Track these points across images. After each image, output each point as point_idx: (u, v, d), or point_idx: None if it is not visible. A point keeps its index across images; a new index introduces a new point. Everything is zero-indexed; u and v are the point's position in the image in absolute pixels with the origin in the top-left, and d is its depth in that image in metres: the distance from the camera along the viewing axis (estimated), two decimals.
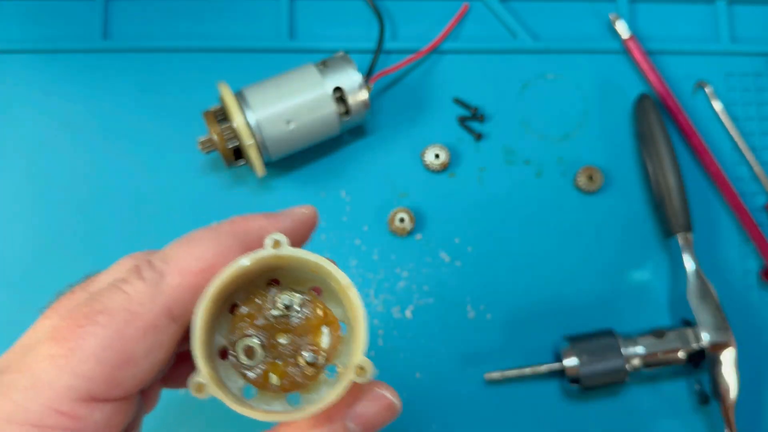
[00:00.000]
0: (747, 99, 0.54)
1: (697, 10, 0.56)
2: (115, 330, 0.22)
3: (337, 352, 0.26)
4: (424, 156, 0.51)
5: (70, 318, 0.22)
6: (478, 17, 0.54)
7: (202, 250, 0.24)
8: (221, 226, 0.25)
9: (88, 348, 0.22)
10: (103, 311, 0.22)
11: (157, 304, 0.23)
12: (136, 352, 0.23)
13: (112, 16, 0.53)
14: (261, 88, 0.46)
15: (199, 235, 0.25)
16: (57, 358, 0.21)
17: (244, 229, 0.25)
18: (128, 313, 0.23)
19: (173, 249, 0.25)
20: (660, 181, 0.49)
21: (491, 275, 0.49)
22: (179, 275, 0.24)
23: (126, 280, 0.23)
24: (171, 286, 0.24)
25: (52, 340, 0.22)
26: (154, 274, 0.24)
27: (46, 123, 0.51)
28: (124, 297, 0.23)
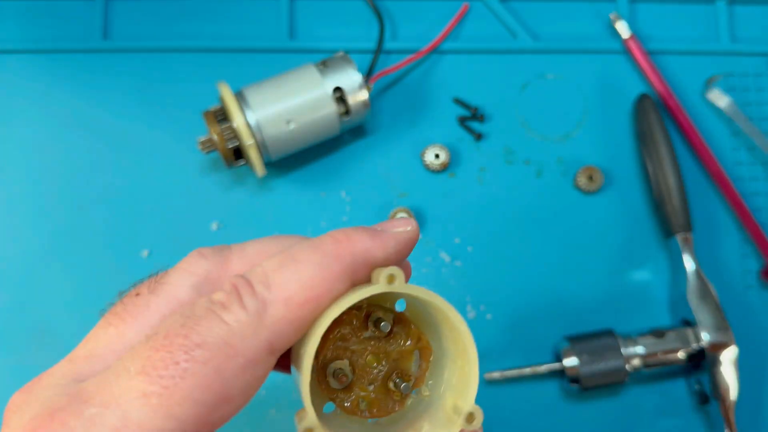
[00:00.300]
0: (747, 99, 0.54)
1: (697, 10, 0.56)
2: (215, 368, 0.20)
3: (425, 379, 0.25)
4: (424, 156, 0.51)
5: (166, 349, 0.20)
6: (478, 17, 0.54)
7: (309, 278, 0.22)
8: (324, 245, 0.23)
9: (185, 388, 0.19)
10: (202, 345, 0.20)
11: (260, 339, 0.21)
12: (234, 390, 0.21)
13: (112, 16, 0.53)
14: (261, 88, 0.46)
15: (302, 257, 0.22)
16: (150, 397, 0.19)
17: (350, 251, 0.23)
18: (229, 348, 0.20)
19: (275, 272, 0.22)
20: (660, 181, 0.49)
21: (491, 275, 0.49)
22: (284, 306, 0.21)
23: (226, 306, 0.21)
24: (275, 319, 0.21)
25: (143, 374, 0.20)
26: (257, 303, 0.21)
27: (47, 123, 0.51)
28: (225, 329, 0.20)
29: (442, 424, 0.24)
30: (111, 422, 0.19)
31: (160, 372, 0.19)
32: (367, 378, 0.25)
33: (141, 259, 0.48)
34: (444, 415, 0.24)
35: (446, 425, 0.23)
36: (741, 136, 0.53)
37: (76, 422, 0.19)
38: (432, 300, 0.23)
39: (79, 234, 0.49)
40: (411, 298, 0.24)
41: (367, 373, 0.25)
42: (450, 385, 0.25)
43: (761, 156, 0.53)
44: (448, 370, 0.25)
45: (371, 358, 0.25)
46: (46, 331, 0.47)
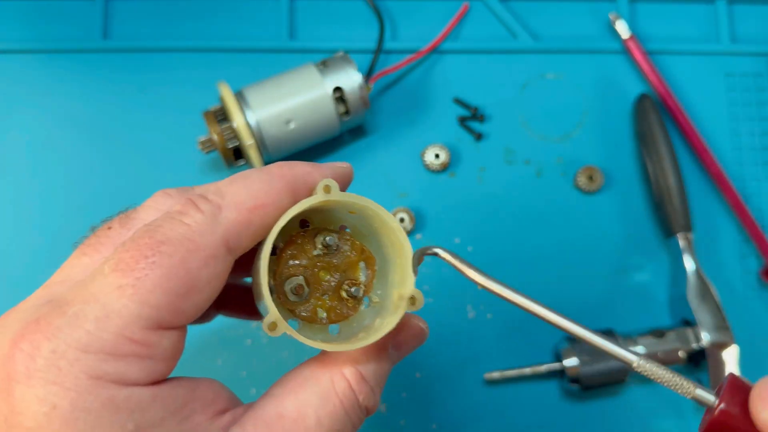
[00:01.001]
0: (747, 99, 0.54)
1: (697, 10, 0.56)
2: (179, 260, 0.23)
3: (373, 286, 0.29)
4: (424, 156, 0.51)
5: (134, 249, 0.22)
6: (478, 17, 0.54)
7: (256, 189, 0.25)
8: (270, 168, 0.26)
9: (154, 278, 0.22)
10: (166, 242, 0.23)
11: (217, 236, 0.24)
12: (198, 281, 0.23)
13: (112, 16, 0.53)
14: (261, 88, 0.46)
15: (251, 176, 0.26)
16: (125, 288, 0.22)
17: (292, 173, 0.27)
18: (190, 243, 0.23)
19: (227, 186, 0.25)
20: (660, 180, 0.49)
21: (491, 275, 0.49)
22: (235, 210, 0.25)
23: (183, 212, 0.24)
24: (228, 219, 0.24)
25: (117, 271, 0.22)
26: (211, 207, 0.24)
27: (47, 122, 0.51)
28: (185, 228, 0.23)
29: (390, 314, 0.27)
30: (93, 314, 0.22)
31: (131, 266, 0.22)
32: (321, 289, 0.28)
33: None
34: (392, 307, 0.27)
35: (393, 313, 0.27)
36: (741, 135, 0.53)
37: (61, 320, 0.22)
38: (366, 204, 0.26)
39: (80, 234, 0.49)
40: (348, 206, 0.27)
41: (320, 285, 0.28)
42: (394, 283, 0.28)
43: (761, 156, 0.53)
44: (391, 273, 0.28)
45: (323, 273, 0.28)
46: None
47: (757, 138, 0.53)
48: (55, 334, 0.21)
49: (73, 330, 0.21)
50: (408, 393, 0.47)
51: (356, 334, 0.28)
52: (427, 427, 0.46)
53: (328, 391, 0.26)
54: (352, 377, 0.26)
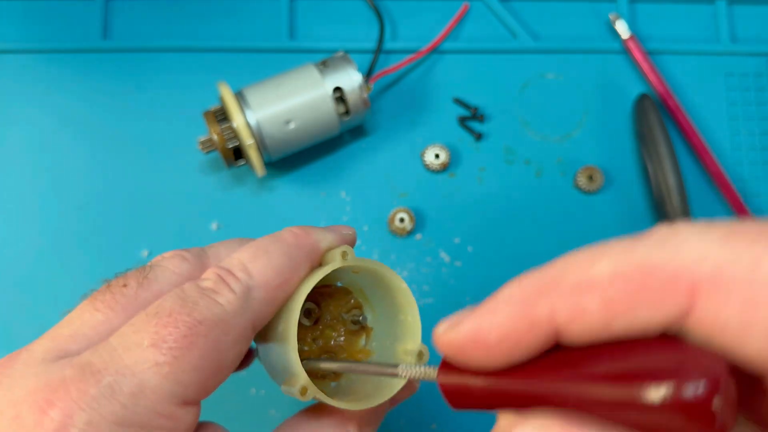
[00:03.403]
0: (747, 99, 0.54)
1: (697, 10, 0.56)
2: (213, 341, 0.23)
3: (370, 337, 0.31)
4: (424, 156, 0.51)
5: (173, 325, 0.23)
6: (478, 17, 0.54)
7: (280, 265, 0.26)
8: (286, 238, 0.27)
9: (190, 358, 0.23)
10: (203, 322, 0.23)
11: (246, 318, 0.25)
12: (226, 361, 0.24)
13: (111, 15, 0.53)
14: (261, 88, 0.46)
15: (271, 249, 0.26)
16: (162, 365, 0.22)
17: (307, 241, 0.27)
18: (224, 324, 0.24)
19: (251, 262, 0.26)
20: (660, 180, 0.49)
21: (491, 275, 0.49)
22: (263, 290, 0.25)
23: (216, 291, 0.24)
24: (257, 300, 0.25)
25: (156, 347, 0.22)
26: (242, 287, 0.25)
27: (46, 123, 0.51)
28: (219, 309, 0.24)
29: None
30: (129, 388, 0.22)
31: (169, 344, 0.22)
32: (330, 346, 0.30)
33: (141, 258, 0.48)
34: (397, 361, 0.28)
35: None
36: (741, 135, 0.53)
37: (95, 390, 0.21)
38: (376, 267, 0.28)
39: (79, 234, 0.49)
40: (356, 269, 0.28)
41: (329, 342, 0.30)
42: (396, 337, 0.29)
43: (761, 156, 0.53)
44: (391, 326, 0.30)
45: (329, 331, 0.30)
46: (46, 330, 0.47)
47: (757, 138, 0.53)
48: (90, 404, 0.21)
49: (109, 402, 0.21)
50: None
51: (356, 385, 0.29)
52: (426, 427, 0.46)
53: None
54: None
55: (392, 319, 0.30)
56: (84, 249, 0.49)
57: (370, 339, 0.31)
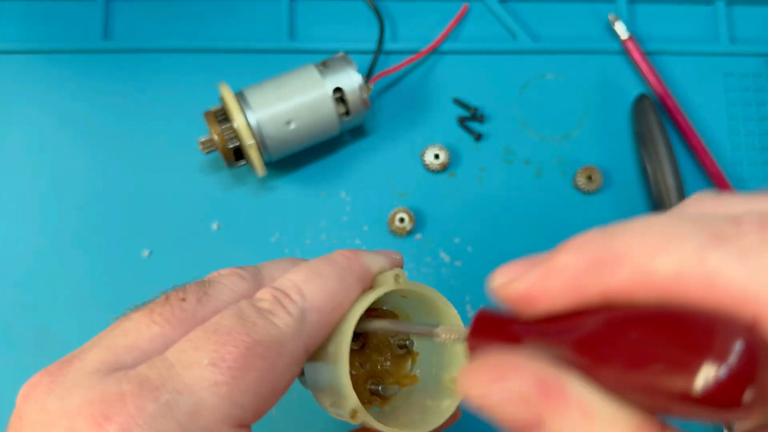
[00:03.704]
0: (746, 99, 0.54)
1: (696, 11, 0.56)
2: (270, 364, 0.23)
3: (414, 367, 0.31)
4: (424, 156, 0.51)
5: (233, 344, 0.22)
6: (478, 18, 0.55)
7: (333, 289, 0.26)
8: (338, 262, 0.27)
9: (249, 380, 0.22)
10: (261, 343, 0.23)
11: (301, 341, 0.24)
12: (280, 384, 0.24)
13: (112, 16, 0.53)
14: (261, 88, 0.46)
15: (324, 272, 0.26)
16: (221, 385, 0.22)
17: (359, 265, 0.27)
18: (281, 347, 0.24)
19: (305, 283, 0.26)
20: (659, 181, 0.49)
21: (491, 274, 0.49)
22: (317, 314, 0.25)
23: (273, 312, 0.24)
24: (311, 324, 0.25)
25: (216, 366, 0.22)
26: (298, 310, 0.25)
27: (47, 123, 0.51)
28: (277, 331, 0.24)
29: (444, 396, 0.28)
30: (186, 407, 0.21)
31: (229, 364, 0.22)
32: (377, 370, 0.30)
33: (142, 258, 0.49)
34: (443, 389, 0.29)
35: (450, 396, 0.28)
36: (740, 135, 0.53)
37: (153, 406, 0.21)
38: (429, 293, 0.28)
39: (80, 234, 0.49)
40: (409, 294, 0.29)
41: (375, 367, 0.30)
42: (441, 363, 0.29)
43: (760, 156, 0.53)
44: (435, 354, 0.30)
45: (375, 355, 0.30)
46: (46, 330, 0.47)
47: (756, 138, 0.53)
48: (147, 421, 0.21)
49: (166, 420, 0.21)
50: None
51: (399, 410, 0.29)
52: None
53: None
54: None
55: (437, 345, 0.30)
56: (84, 249, 0.49)
57: (415, 364, 0.30)
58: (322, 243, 0.49)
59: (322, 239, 0.50)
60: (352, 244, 0.50)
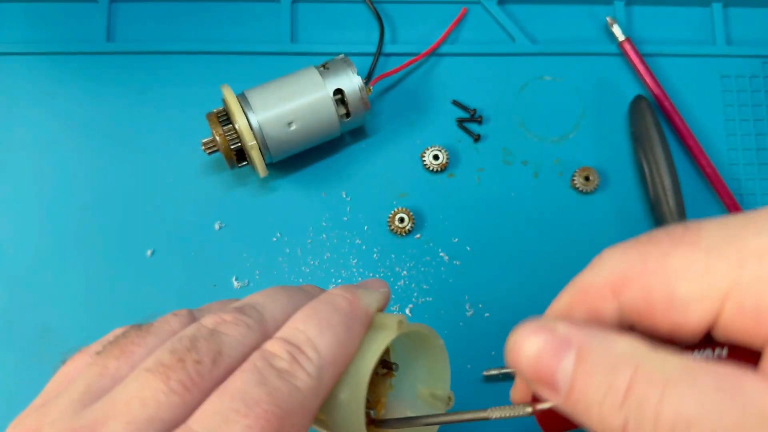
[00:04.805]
0: (742, 100, 0.54)
1: (692, 13, 0.56)
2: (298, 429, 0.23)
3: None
4: (424, 157, 0.51)
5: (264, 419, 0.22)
6: (477, 21, 0.55)
7: (344, 340, 0.26)
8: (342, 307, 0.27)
9: None
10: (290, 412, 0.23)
11: (320, 397, 0.24)
12: None
13: (115, 19, 0.54)
14: (263, 90, 0.47)
15: (333, 321, 0.26)
16: None
17: (362, 310, 0.27)
18: (305, 410, 0.24)
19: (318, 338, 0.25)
20: (656, 181, 0.50)
21: (489, 274, 0.50)
22: (333, 367, 0.25)
23: (293, 374, 0.24)
24: (328, 379, 0.25)
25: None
26: (315, 369, 0.24)
27: (50, 125, 0.52)
28: (301, 395, 0.23)
29: (424, 409, 0.30)
30: None
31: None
32: None
33: (145, 258, 0.49)
34: (422, 402, 0.30)
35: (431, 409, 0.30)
36: (737, 136, 0.54)
37: None
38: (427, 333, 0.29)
39: (84, 234, 0.50)
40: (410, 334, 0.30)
41: None
42: (417, 378, 0.31)
43: (756, 156, 0.53)
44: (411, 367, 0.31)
45: None
46: (49, 329, 0.48)
47: (752, 138, 0.54)
48: None
49: None
50: None
51: None
52: None
53: None
54: None
55: (415, 362, 0.31)
56: (88, 249, 0.49)
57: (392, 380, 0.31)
58: (322, 243, 0.50)
59: (323, 239, 0.50)
60: (352, 243, 0.50)
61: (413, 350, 0.31)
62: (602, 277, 0.23)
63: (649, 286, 0.22)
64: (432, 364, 0.30)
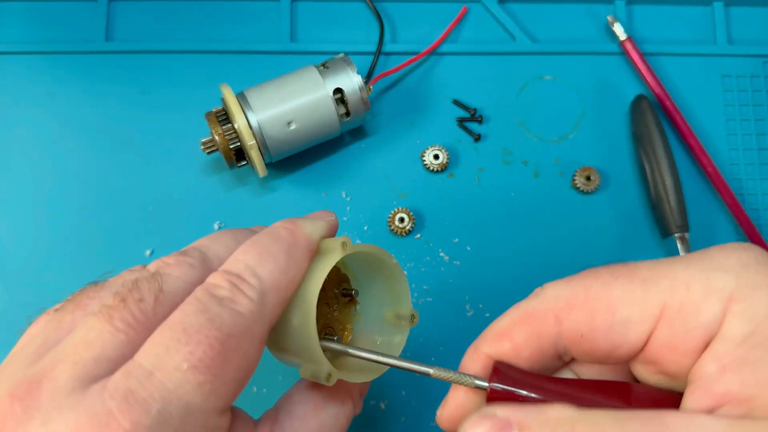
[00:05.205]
0: (743, 100, 0.54)
1: (694, 12, 0.56)
2: (244, 353, 0.24)
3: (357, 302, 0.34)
4: (424, 157, 0.51)
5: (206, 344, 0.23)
6: (477, 20, 0.55)
7: (286, 266, 0.27)
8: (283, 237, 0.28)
9: (228, 373, 0.24)
10: (232, 335, 0.24)
11: (265, 323, 0.26)
12: (252, 365, 0.25)
13: (114, 18, 0.54)
14: (262, 89, 0.47)
15: (273, 250, 0.27)
16: (204, 385, 0.23)
17: (304, 237, 0.28)
18: (249, 334, 0.25)
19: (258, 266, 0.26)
20: (657, 181, 0.50)
21: (489, 274, 0.50)
22: (275, 293, 0.26)
23: (234, 300, 0.25)
24: (272, 303, 0.26)
25: (196, 369, 0.23)
26: (257, 293, 0.25)
27: (49, 124, 0.52)
28: (243, 319, 0.24)
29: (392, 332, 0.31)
30: (177, 413, 0.22)
31: (206, 364, 0.23)
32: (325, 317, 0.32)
33: (144, 258, 0.49)
34: (389, 325, 0.32)
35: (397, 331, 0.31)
36: (737, 136, 0.54)
37: (147, 420, 0.21)
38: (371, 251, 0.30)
39: (83, 234, 0.50)
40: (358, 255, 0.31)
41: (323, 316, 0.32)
42: (383, 303, 0.32)
43: (757, 156, 0.53)
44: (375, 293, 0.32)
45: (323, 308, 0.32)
46: None
47: (753, 138, 0.53)
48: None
49: (164, 429, 0.22)
50: (407, 391, 0.47)
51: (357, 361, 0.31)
52: (426, 425, 0.47)
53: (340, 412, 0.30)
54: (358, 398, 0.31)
55: (376, 287, 0.32)
56: (87, 249, 0.49)
57: (357, 307, 0.33)
58: None
59: None
60: None
61: (374, 277, 0.32)
62: (547, 304, 0.26)
63: (592, 310, 0.25)
64: (392, 285, 0.31)
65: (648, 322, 0.24)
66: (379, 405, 0.47)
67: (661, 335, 0.23)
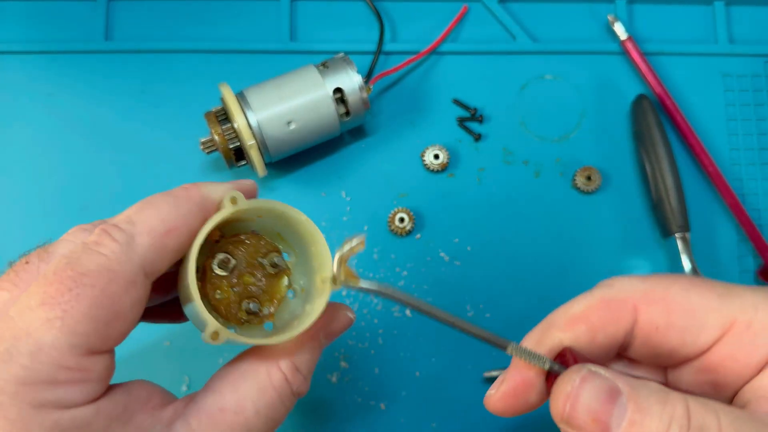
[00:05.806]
0: (744, 100, 0.54)
1: (694, 12, 0.56)
2: (101, 290, 0.24)
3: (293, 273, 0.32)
4: (424, 156, 0.51)
5: (58, 282, 0.24)
6: (478, 19, 0.55)
7: (166, 213, 0.27)
8: (176, 192, 0.28)
9: (80, 309, 0.23)
10: (87, 273, 0.24)
11: (134, 263, 0.25)
12: (121, 307, 0.25)
13: (114, 17, 0.54)
14: (262, 89, 0.47)
15: (159, 201, 0.27)
16: (54, 320, 0.23)
17: (198, 193, 0.28)
18: (110, 272, 0.25)
19: (137, 213, 0.27)
20: (658, 181, 0.49)
21: (490, 274, 0.50)
22: (148, 236, 0.26)
23: (99, 243, 0.25)
24: (142, 246, 0.26)
25: (44, 305, 0.23)
26: (125, 235, 0.26)
27: (49, 123, 0.51)
28: (103, 258, 0.25)
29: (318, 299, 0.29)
30: (26, 349, 0.23)
31: (57, 300, 0.23)
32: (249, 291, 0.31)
33: None
34: (317, 291, 0.30)
35: (320, 296, 0.29)
36: (738, 136, 0.53)
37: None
38: (271, 206, 0.29)
39: None
40: (255, 212, 0.30)
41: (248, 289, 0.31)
42: (313, 270, 0.31)
43: (758, 156, 0.53)
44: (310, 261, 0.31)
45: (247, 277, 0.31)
46: None
47: (754, 138, 0.53)
48: None
49: (10, 366, 0.23)
50: (407, 391, 0.47)
51: (290, 323, 0.30)
52: (426, 426, 0.47)
53: (265, 384, 0.28)
54: (287, 369, 0.29)
55: (307, 255, 0.31)
56: None
57: (292, 279, 0.32)
58: None
59: None
60: None
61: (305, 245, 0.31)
62: (626, 293, 0.28)
63: (671, 307, 0.27)
64: (314, 248, 0.30)
65: (718, 332, 0.27)
66: (379, 405, 0.47)
67: (725, 347, 0.27)
